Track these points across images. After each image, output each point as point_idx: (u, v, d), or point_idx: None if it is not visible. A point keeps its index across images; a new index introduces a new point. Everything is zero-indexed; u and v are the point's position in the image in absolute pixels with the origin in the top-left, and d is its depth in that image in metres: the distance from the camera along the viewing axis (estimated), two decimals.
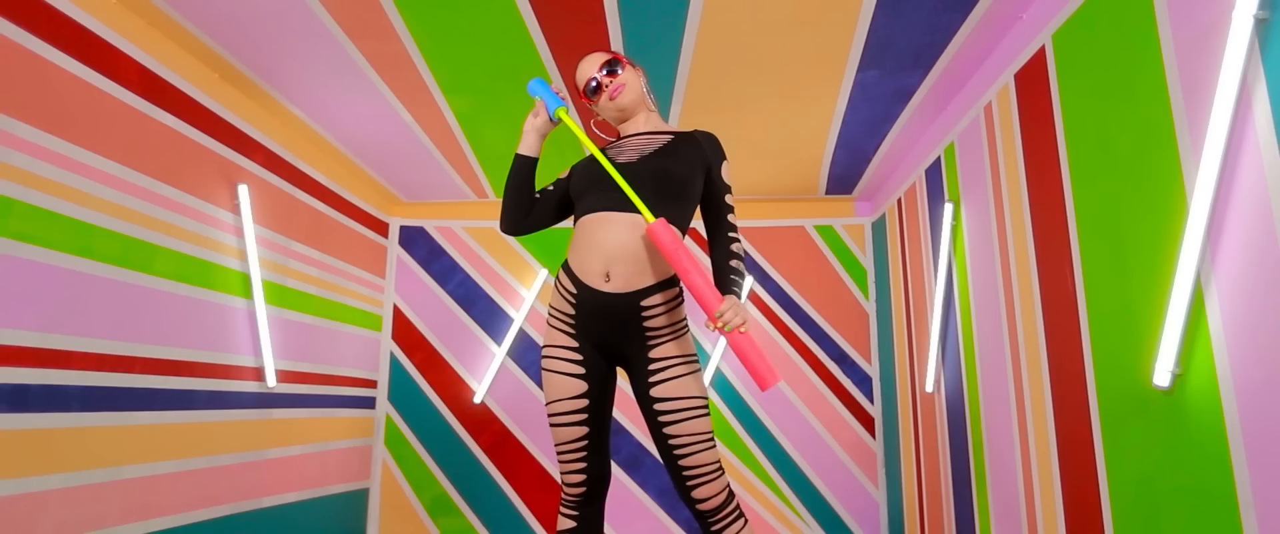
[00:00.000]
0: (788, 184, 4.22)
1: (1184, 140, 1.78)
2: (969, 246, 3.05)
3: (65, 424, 2.37)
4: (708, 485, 1.77)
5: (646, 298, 1.77)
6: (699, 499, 1.78)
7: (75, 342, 2.41)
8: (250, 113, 3.36)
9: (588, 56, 1.96)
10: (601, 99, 1.92)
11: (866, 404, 4.49)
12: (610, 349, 1.85)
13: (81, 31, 2.45)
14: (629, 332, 1.79)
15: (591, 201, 1.83)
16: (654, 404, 1.78)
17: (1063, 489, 2.33)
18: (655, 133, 1.94)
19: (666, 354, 1.80)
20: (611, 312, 1.77)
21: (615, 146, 1.94)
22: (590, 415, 1.83)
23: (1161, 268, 1.85)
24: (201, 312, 3.01)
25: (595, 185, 1.84)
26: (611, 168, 1.79)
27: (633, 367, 1.84)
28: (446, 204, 4.81)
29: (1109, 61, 2.08)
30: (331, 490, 4.06)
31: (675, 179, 1.81)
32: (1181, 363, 1.79)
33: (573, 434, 1.84)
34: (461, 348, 4.66)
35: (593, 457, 1.84)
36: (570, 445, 1.84)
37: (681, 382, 1.78)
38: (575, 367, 1.84)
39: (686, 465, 1.77)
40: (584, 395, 1.83)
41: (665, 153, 1.86)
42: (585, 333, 1.84)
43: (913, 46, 2.76)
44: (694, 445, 1.77)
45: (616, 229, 1.77)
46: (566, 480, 1.87)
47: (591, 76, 1.92)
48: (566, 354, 1.85)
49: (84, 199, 2.44)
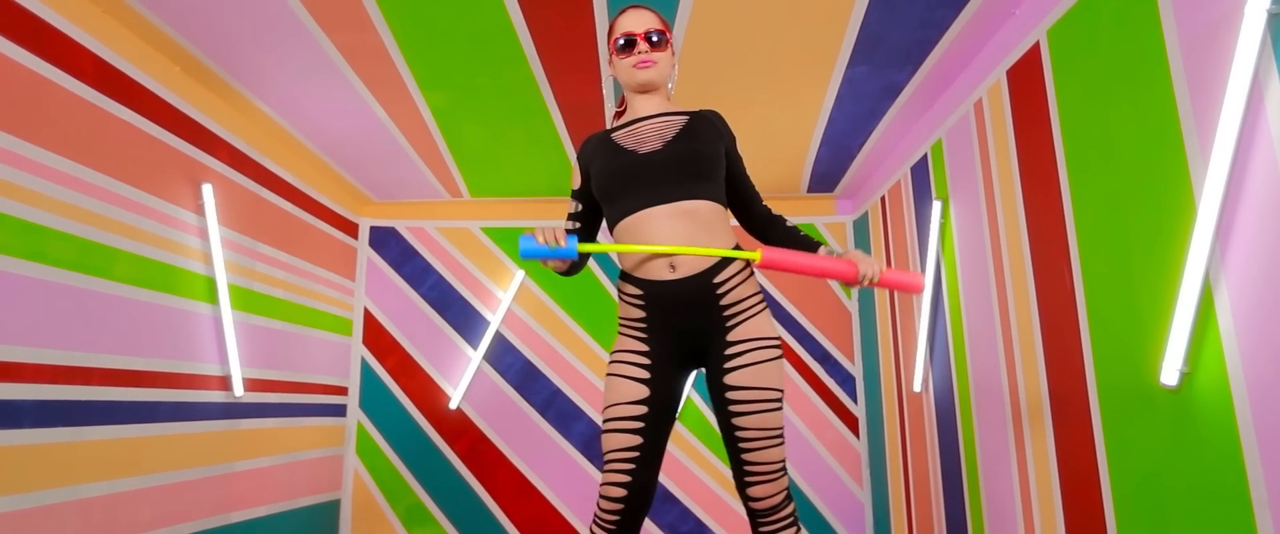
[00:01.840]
0: (769, 182, 4.17)
1: (1190, 137, 1.77)
2: (958, 244, 3.03)
3: (17, 441, 2.23)
4: (767, 484, 1.71)
5: (717, 275, 1.73)
6: (755, 497, 1.72)
7: (27, 353, 2.27)
8: (214, 108, 3.21)
9: (636, 9, 1.86)
10: (627, 59, 1.82)
11: (850, 404, 4.47)
12: (689, 343, 1.76)
13: (33, 20, 2.30)
14: (707, 315, 1.73)
15: (627, 203, 1.76)
16: (726, 391, 1.71)
17: (1062, 489, 2.32)
18: (670, 114, 1.86)
19: (745, 336, 1.73)
20: (684, 297, 1.72)
21: (629, 132, 1.84)
22: (646, 425, 1.73)
23: (1167, 265, 1.84)
24: (164, 318, 2.87)
25: (626, 187, 1.76)
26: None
27: (710, 354, 1.76)
28: (419, 204, 4.68)
29: (1108, 58, 2.07)
30: (302, 502, 3.92)
31: (706, 160, 1.77)
32: (1189, 361, 1.77)
33: (624, 441, 1.72)
34: (435, 352, 4.54)
35: (640, 469, 1.72)
36: (619, 452, 1.72)
37: (758, 370, 1.71)
38: (640, 370, 1.75)
39: (750, 460, 1.71)
40: (643, 402, 1.73)
41: (688, 134, 1.80)
42: (661, 330, 1.76)
43: (904, 42, 2.73)
44: (762, 440, 1.70)
45: (665, 222, 1.72)
46: (605, 492, 1.73)
47: (633, 33, 1.81)
48: (633, 358, 1.77)
49: (36, 199, 2.29)
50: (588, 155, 1.88)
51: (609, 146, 1.83)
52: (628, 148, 1.80)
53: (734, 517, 4.33)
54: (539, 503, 4.37)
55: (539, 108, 3.30)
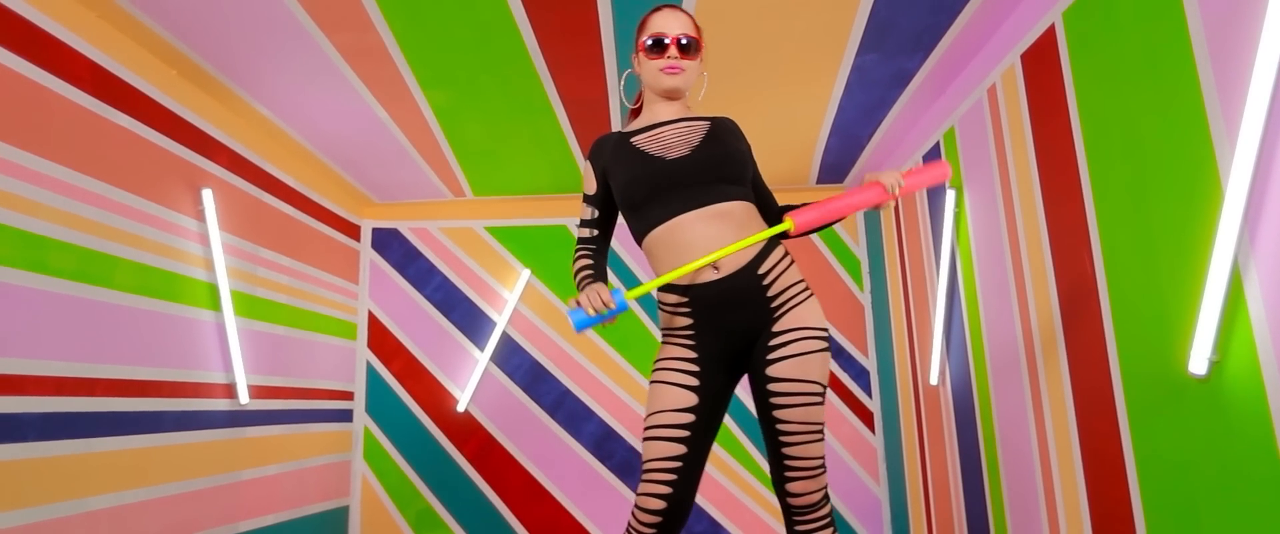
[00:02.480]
0: (777, 173, 4.12)
1: (1215, 118, 1.72)
2: (973, 233, 2.98)
3: (22, 455, 2.19)
4: (808, 480, 1.66)
5: (760, 266, 1.70)
6: (794, 493, 1.66)
7: (30, 365, 2.23)
8: (213, 112, 3.17)
9: (672, 9, 1.81)
10: (655, 61, 1.77)
11: (865, 398, 4.42)
12: (738, 342, 1.71)
13: (28, 27, 2.26)
14: (754, 309, 1.69)
15: (657, 212, 1.71)
16: (768, 383, 1.66)
17: (1086, 481, 2.28)
18: (689, 120, 1.82)
19: (791, 325, 1.68)
20: (732, 295, 1.68)
21: (651, 137, 1.79)
22: (692, 435, 1.67)
23: (1193, 251, 1.80)
24: (167, 327, 2.83)
25: (656, 195, 1.71)
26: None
27: (755, 348, 1.71)
28: (421, 204, 4.64)
29: (1127, 38, 2.02)
30: (310, 510, 3.88)
31: (736, 162, 1.75)
32: (1219, 349, 1.73)
33: (667, 451, 1.65)
34: (441, 354, 4.49)
35: (681, 482, 1.65)
36: (660, 462, 1.65)
37: (803, 361, 1.66)
38: (688, 378, 1.70)
39: (791, 455, 1.65)
40: (691, 410, 1.67)
41: (714, 139, 1.76)
42: (709, 334, 1.71)
43: (915, 28, 2.68)
44: (803, 435, 1.65)
45: (702, 226, 1.68)
46: (642, 503, 1.65)
47: (664, 36, 1.76)
48: (681, 365, 1.71)
49: (35, 209, 2.25)
50: (603, 159, 1.82)
51: (630, 153, 1.76)
52: (653, 154, 1.74)
53: (749, 515, 4.29)
54: (551, 506, 4.33)
55: (542, 104, 3.25)
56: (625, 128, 1.88)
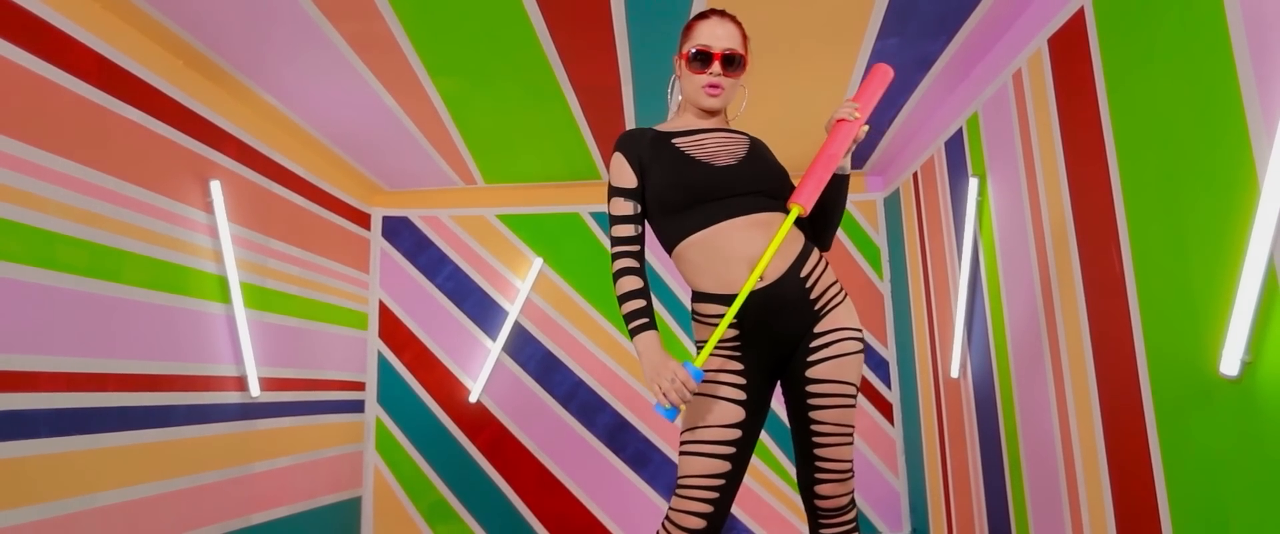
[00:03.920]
0: (795, 159, 3.99)
1: (1253, 108, 1.65)
2: (997, 224, 2.91)
3: (34, 451, 2.20)
4: (837, 483, 1.66)
5: (802, 268, 1.68)
6: (823, 496, 1.66)
7: (40, 361, 2.22)
8: (220, 102, 3.14)
9: (721, 18, 1.75)
10: (698, 76, 1.72)
11: (884, 390, 4.36)
12: (783, 347, 1.69)
13: (30, 19, 2.23)
14: (799, 312, 1.68)
15: (698, 217, 1.66)
16: (806, 385, 1.65)
17: (1112, 483, 2.23)
18: (729, 132, 1.80)
19: (832, 326, 1.68)
20: (779, 301, 1.65)
21: (694, 142, 1.74)
22: (738, 451, 1.64)
23: (1227, 247, 1.73)
24: (177, 320, 2.82)
25: (700, 200, 1.66)
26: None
27: (796, 351, 1.69)
28: (432, 192, 4.60)
29: (1159, 22, 1.95)
30: (323, 502, 3.89)
31: (780, 179, 1.73)
32: (1252, 350, 1.67)
33: (713, 467, 1.62)
34: (453, 344, 4.47)
35: (723, 498, 1.63)
36: (704, 479, 1.61)
37: (841, 363, 1.66)
38: (737, 391, 1.66)
39: (823, 456, 1.65)
40: (738, 426, 1.65)
41: (757, 155, 1.75)
42: (755, 344, 1.68)
43: (938, 11, 2.61)
44: (836, 437, 1.65)
45: (742, 234, 1.65)
46: (681, 521, 1.61)
47: (710, 50, 1.71)
48: (728, 377, 1.67)
49: (42, 204, 2.23)
50: (642, 156, 1.73)
51: (673, 155, 1.71)
52: (700, 159, 1.70)
53: (767, 509, 4.26)
54: (564, 497, 4.31)
55: (553, 91, 3.20)
56: (661, 126, 1.82)
